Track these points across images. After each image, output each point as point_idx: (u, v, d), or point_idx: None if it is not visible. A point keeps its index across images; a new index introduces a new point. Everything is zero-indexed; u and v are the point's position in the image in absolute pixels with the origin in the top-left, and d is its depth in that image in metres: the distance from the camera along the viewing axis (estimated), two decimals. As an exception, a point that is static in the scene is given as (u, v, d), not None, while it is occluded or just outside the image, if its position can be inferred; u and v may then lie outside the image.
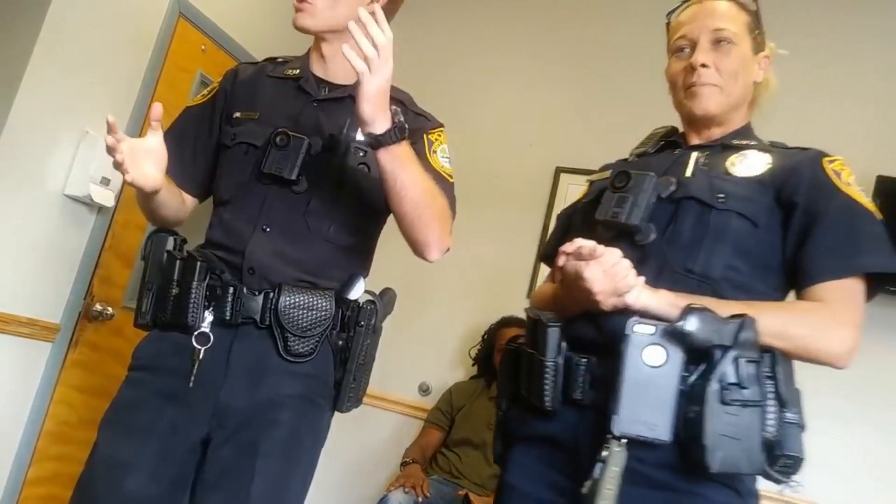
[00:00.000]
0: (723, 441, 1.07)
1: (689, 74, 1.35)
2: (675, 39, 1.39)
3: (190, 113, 1.62)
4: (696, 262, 1.23)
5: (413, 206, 1.37)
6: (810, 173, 1.28)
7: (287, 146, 1.42)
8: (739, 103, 1.40)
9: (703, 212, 1.25)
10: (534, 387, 1.24)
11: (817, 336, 1.19)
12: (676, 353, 1.11)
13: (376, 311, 1.48)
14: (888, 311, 2.82)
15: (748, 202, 1.25)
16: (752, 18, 1.41)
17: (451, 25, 3.66)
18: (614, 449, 1.10)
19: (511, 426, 1.36)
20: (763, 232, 1.25)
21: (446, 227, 1.44)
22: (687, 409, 1.10)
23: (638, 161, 1.43)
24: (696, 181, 1.29)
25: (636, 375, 1.11)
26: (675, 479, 1.14)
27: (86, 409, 2.51)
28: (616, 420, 1.10)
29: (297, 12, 1.50)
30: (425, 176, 1.39)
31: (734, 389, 1.09)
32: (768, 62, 1.43)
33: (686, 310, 1.12)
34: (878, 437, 2.75)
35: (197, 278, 1.39)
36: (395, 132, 1.29)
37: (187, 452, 1.38)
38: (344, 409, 1.50)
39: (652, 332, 1.12)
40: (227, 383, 1.39)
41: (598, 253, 1.16)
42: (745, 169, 1.29)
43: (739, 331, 1.10)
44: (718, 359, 1.10)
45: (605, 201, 1.28)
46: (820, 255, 1.22)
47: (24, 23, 2.24)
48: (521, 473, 1.29)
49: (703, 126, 1.39)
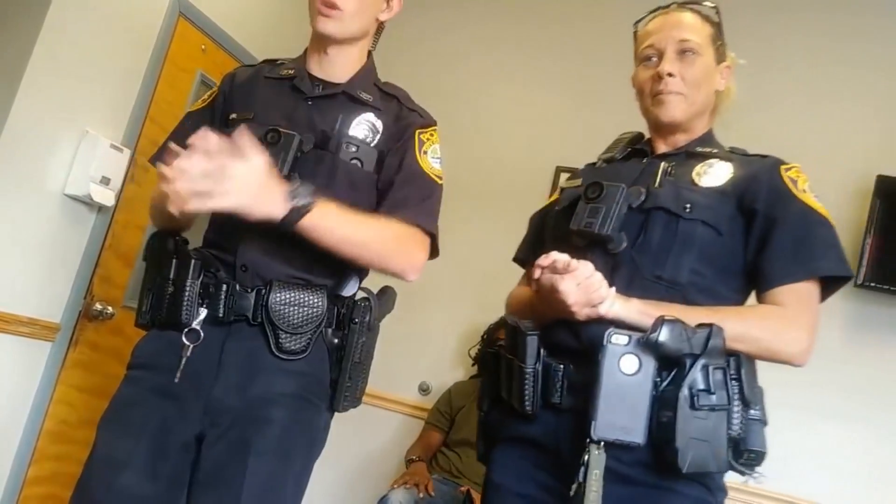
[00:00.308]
0: (693, 443, 1.16)
1: (656, 83, 1.42)
2: (643, 48, 1.46)
3: (192, 117, 1.62)
4: (665, 269, 1.32)
5: (360, 253, 1.41)
6: (768, 181, 1.36)
7: (278, 143, 1.42)
8: (702, 111, 1.46)
9: (670, 221, 1.33)
10: (514, 391, 1.32)
11: (775, 339, 1.28)
12: (649, 361, 1.20)
13: (370, 308, 1.48)
14: (889, 311, 2.82)
15: (712, 211, 1.33)
16: (715, 30, 1.48)
17: (450, 26, 3.66)
18: (594, 453, 1.19)
19: (493, 427, 1.42)
20: (726, 239, 1.34)
21: (411, 249, 1.46)
22: (660, 413, 1.19)
23: (606, 168, 1.50)
24: (665, 192, 1.36)
25: (613, 383, 1.19)
26: (650, 476, 1.23)
27: (86, 408, 2.52)
28: (594, 426, 1.19)
29: (321, 16, 1.49)
30: (356, 220, 1.39)
31: (703, 395, 1.17)
32: (729, 72, 1.50)
33: (658, 321, 1.19)
34: (878, 437, 2.75)
35: (191, 276, 1.40)
36: (294, 213, 1.30)
37: (181, 450, 1.38)
38: (341, 409, 1.49)
39: (626, 343, 1.20)
40: (219, 381, 1.39)
41: (572, 267, 1.22)
42: (710, 180, 1.37)
43: (707, 340, 1.19)
44: (689, 367, 1.18)
45: (580, 211, 1.34)
46: (778, 259, 1.31)
47: (24, 22, 2.24)
48: (507, 472, 1.36)
49: (669, 132, 1.46)
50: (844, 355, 2.83)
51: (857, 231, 2.85)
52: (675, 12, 1.47)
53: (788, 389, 2.83)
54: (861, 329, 2.85)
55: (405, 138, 1.53)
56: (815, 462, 2.79)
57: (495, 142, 3.47)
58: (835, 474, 2.75)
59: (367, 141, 1.51)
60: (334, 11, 1.48)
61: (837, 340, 2.85)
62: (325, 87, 1.54)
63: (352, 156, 1.47)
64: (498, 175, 3.38)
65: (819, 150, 3.01)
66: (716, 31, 1.48)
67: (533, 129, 3.46)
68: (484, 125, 3.49)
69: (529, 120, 3.48)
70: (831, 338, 2.86)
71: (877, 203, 2.79)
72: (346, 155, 1.47)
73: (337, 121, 1.49)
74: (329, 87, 1.54)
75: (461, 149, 2.39)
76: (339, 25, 1.50)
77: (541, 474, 1.32)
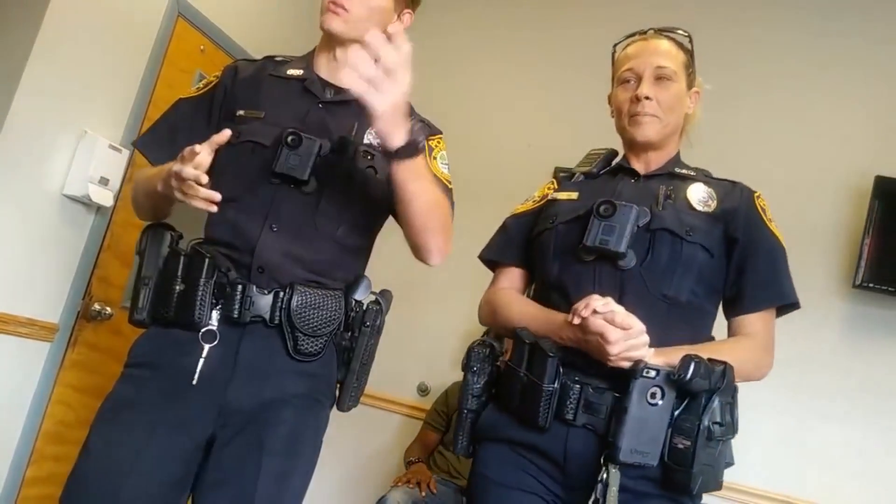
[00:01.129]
0: (704, 469, 1.29)
1: (634, 104, 1.52)
2: (623, 71, 1.56)
3: (185, 104, 1.61)
4: (670, 287, 1.42)
5: (421, 214, 1.41)
6: (746, 211, 1.50)
7: (299, 147, 1.42)
8: (674, 132, 1.57)
9: (674, 242, 1.43)
10: (529, 407, 1.38)
11: (756, 369, 1.45)
12: (670, 392, 1.31)
13: (381, 312, 1.50)
14: (887, 312, 2.82)
15: (708, 235, 1.45)
16: (688, 57, 1.58)
17: (450, 27, 3.66)
18: (612, 471, 1.31)
19: (487, 427, 1.47)
20: (716, 261, 1.46)
21: (449, 235, 1.49)
22: (675, 439, 1.31)
23: (596, 183, 1.58)
24: (668, 214, 1.45)
25: (639, 412, 1.30)
26: (652, 488, 1.35)
27: (84, 409, 2.51)
28: (621, 451, 1.29)
29: (327, 13, 1.50)
30: (434, 186, 1.43)
31: (717, 428, 1.30)
32: (698, 97, 1.61)
33: (686, 360, 1.29)
34: (877, 438, 2.75)
35: (205, 275, 1.39)
36: (410, 148, 1.31)
37: (192, 451, 1.38)
38: (345, 409, 1.51)
39: (655, 376, 1.30)
40: (233, 382, 1.39)
41: (628, 324, 1.30)
42: (702, 205, 1.49)
43: (724, 376, 1.31)
44: (706, 400, 1.30)
45: (593, 228, 1.42)
46: (752, 288, 1.47)
47: (22, 22, 2.24)
48: (503, 469, 1.42)
49: (642, 150, 1.56)
50: (842, 356, 2.83)
51: (855, 232, 2.86)
52: (654, 39, 1.57)
53: (788, 391, 2.84)
54: (859, 330, 2.85)
55: None
56: (814, 462, 2.79)
57: (495, 142, 3.47)
58: (833, 475, 2.76)
59: (380, 149, 1.51)
60: (340, 10, 1.49)
61: (835, 341, 2.86)
62: (337, 91, 1.54)
63: (368, 164, 1.47)
64: (497, 175, 3.37)
65: (818, 151, 3.02)
66: (688, 58, 1.58)
67: (532, 129, 3.46)
68: (483, 125, 3.49)
69: (528, 120, 3.48)
70: (829, 339, 2.86)
71: (875, 204, 2.79)
72: (363, 162, 1.47)
73: (353, 127, 1.49)
74: (341, 93, 1.54)
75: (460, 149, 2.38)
76: (345, 25, 1.50)
77: (544, 478, 1.40)
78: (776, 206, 1.56)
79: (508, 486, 1.41)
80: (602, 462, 1.32)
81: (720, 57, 3.12)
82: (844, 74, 3.05)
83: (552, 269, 1.49)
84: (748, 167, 1.84)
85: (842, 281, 2.87)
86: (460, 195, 1.56)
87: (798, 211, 2.87)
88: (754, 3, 3.23)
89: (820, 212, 2.95)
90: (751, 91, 3.12)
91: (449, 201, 1.50)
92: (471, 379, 1.50)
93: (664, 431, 1.31)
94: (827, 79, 3.06)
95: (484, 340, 1.53)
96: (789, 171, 2.99)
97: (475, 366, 1.50)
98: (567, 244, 1.47)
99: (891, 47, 3.02)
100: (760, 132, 3.10)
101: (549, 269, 1.50)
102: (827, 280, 2.88)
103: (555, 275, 1.48)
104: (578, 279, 1.43)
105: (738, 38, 3.18)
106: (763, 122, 3.11)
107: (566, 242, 1.48)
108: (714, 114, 1.55)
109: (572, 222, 1.48)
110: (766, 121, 3.10)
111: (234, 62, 1.67)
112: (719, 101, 3.16)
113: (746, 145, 3.04)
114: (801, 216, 2.88)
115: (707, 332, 1.49)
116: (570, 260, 1.45)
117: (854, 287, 2.78)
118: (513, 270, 1.62)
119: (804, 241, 2.82)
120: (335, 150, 1.47)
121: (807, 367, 2.82)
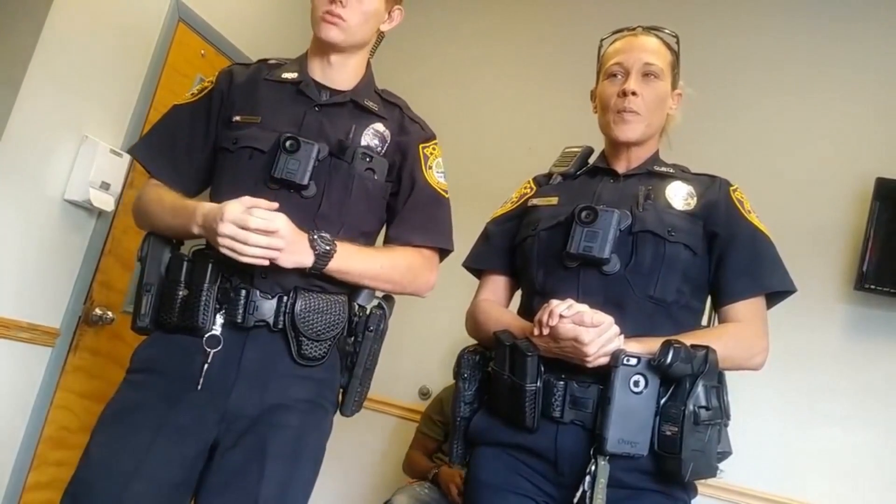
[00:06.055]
0: (693, 454, 1.28)
1: (621, 99, 1.51)
2: (611, 65, 1.55)
3: (181, 111, 1.61)
4: (655, 289, 1.42)
5: (382, 283, 1.50)
6: (724, 205, 1.50)
7: (297, 151, 1.42)
8: (656, 131, 1.57)
9: (658, 243, 1.43)
10: (515, 408, 1.38)
11: (749, 356, 1.44)
12: (654, 380, 1.31)
13: (384, 317, 1.50)
14: (889, 313, 2.82)
15: (690, 234, 1.45)
16: (674, 58, 1.59)
17: (449, 29, 3.66)
18: (601, 463, 1.31)
19: (479, 432, 1.48)
20: (700, 258, 1.46)
21: (422, 273, 1.54)
22: (663, 427, 1.31)
23: (575, 184, 1.58)
24: (649, 215, 1.45)
25: (623, 402, 1.30)
26: (645, 480, 1.35)
27: (86, 414, 2.51)
28: (607, 442, 1.29)
29: (324, 23, 1.50)
30: (372, 258, 1.48)
31: (703, 412, 1.29)
32: (679, 98, 1.61)
33: (665, 346, 1.29)
34: (879, 439, 2.75)
35: (208, 280, 1.40)
36: (323, 259, 1.38)
37: (195, 457, 1.38)
38: (349, 414, 1.51)
39: (636, 364, 1.31)
40: (237, 386, 1.39)
41: (597, 321, 1.30)
42: (682, 203, 1.49)
43: (706, 360, 1.31)
44: (690, 385, 1.30)
45: (576, 235, 1.42)
46: (734, 277, 1.46)
47: (23, 27, 2.24)
48: (495, 472, 1.43)
49: (625, 147, 1.55)
50: (844, 357, 2.83)
51: (856, 233, 2.85)
52: (642, 35, 1.57)
53: (788, 392, 2.84)
54: (861, 331, 2.85)
55: (410, 156, 1.55)
56: (816, 464, 2.79)
57: (495, 146, 3.47)
58: (835, 476, 2.75)
59: (377, 150, 1.53)
60: (337, 20, 1.49)
61: (837, 342, 2.85)
62: (332, 94, 1.55)
63: (366, 166, 1.49)
64: (497, 178, 3.36)
65: (819, 153, 3.02)
66: (674, 58, 1.58)
67: (532, 133, 3.46)
68: (483, 129, 3.49)
69: (528, 124, 3.48)
70: (831, 340, 2.86)
71: (876, 205, 2.79)
72: (361, 165, 1.48)
73: (350, 130, 1.50)
74: (336, 95, 1.54)
75: (459, 151, 2.39)
76: (343, 35, 1.50)
77: (537, 479, 1.40)
78: (777, 208, 1.56)
79: (501, 489, 1.41)
80: (591, 455, 1.32)
81: (722, 60, 3.13)
82: (846, 77, 3.04)
83: (537, 275, 1.49)
84: (751, 170, 1.85)
85: (843, 283, 2.87)
86: (464, 199, 1.58)
87: (800, 213, 2.87)
88: (755, 7, 3.23)
89: (821, 214, 2.94)
90: (753, 94, 3.11)
91: (442, 213, 1.56)
92: (462, 386, 1.51)
93: (651, 420, 1.31)
94: (828, 82, 3.06)
95: (475, 347, 1.54)
96: (791, 173, 2.99)
97: (465, 372, 1.51)
98: (550, 251, 1.48)
99: (892, 50, 3.02)
100: (762, 135, 3.09)
101: (533, 276, 1.50)
102: (829, 282, 2.88)
103: (539, 281, 1.49)
104: (563, 285, 1.44)
105: (739, 42, 3.18)
106: (765, 125, 3.10)
107: (549, 249, 1.48)
108: (717, 117, 1.57)
109: (554, 228, 1.49)
110: (767, 124, 3.10)
111: (229, 67, 1.67)
112: (722, 105, 3.18)
113: (749, 148, 3.04)
114: (803, 218, 2.89)
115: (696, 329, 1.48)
116: (555, 266, 1.46)
117: (856, 289, 2.77)
118: (497, 278, 1.62)
119: (806, 243, 2.82)
120: (333, 153, 1.47)
121: (809, 369, 2.82)
